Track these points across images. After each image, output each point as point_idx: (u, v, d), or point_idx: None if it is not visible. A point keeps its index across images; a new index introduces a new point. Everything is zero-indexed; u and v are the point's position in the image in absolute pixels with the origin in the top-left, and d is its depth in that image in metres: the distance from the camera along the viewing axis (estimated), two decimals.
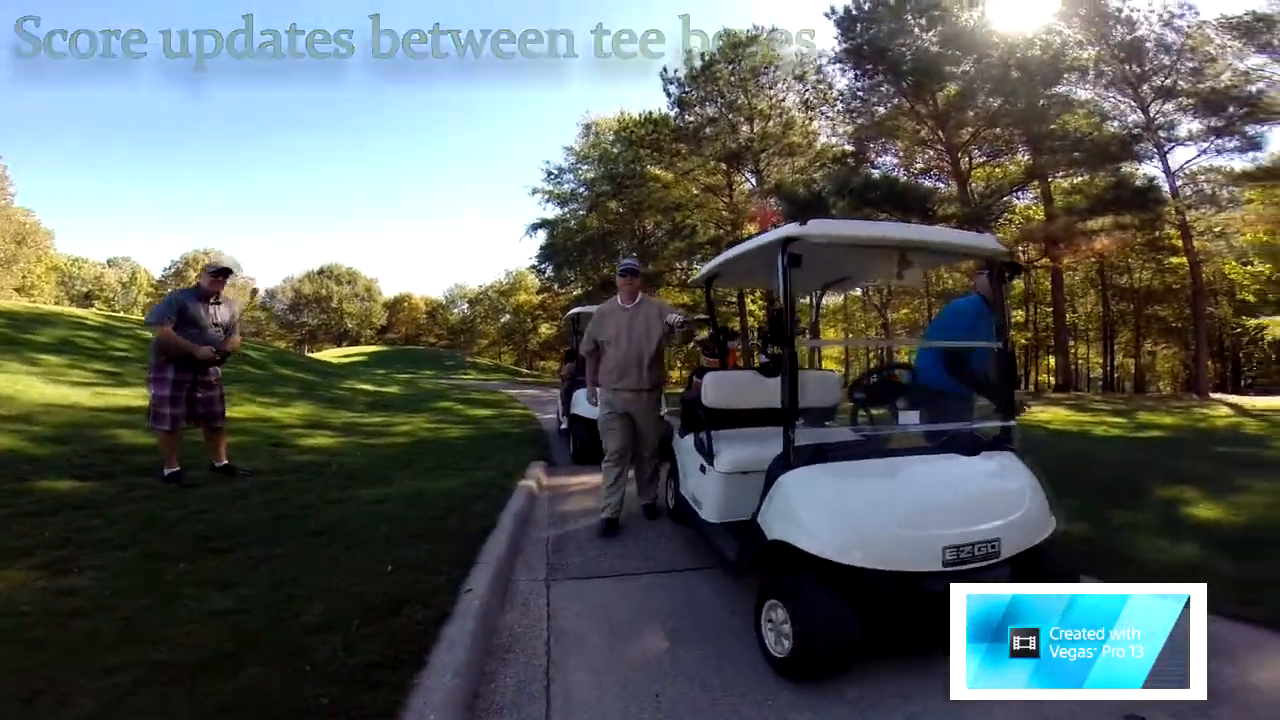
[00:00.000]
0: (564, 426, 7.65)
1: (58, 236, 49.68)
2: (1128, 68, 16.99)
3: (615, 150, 29.22)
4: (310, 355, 35.53)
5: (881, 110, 20.27)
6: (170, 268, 59.82)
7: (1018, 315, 27.13)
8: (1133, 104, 17.53)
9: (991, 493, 2.48)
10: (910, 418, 2.95)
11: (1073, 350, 28.80)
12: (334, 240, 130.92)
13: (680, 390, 6.85)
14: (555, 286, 35.45)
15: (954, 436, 2.78)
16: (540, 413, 11.68)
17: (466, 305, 64.45)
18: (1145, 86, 17.02)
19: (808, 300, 4.86)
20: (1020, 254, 19.76)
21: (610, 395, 4.02)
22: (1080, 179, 18.40)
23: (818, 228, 2.56)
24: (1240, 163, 17.35)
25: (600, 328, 4.11)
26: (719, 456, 3.22)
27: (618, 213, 29.63)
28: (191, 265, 55.18)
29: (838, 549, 2.19)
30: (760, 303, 26.33)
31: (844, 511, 2.29)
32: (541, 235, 32.70)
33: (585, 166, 32.31)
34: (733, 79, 24.70)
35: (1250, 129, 16.50)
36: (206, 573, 2.84)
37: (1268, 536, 3.66)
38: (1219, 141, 16.88)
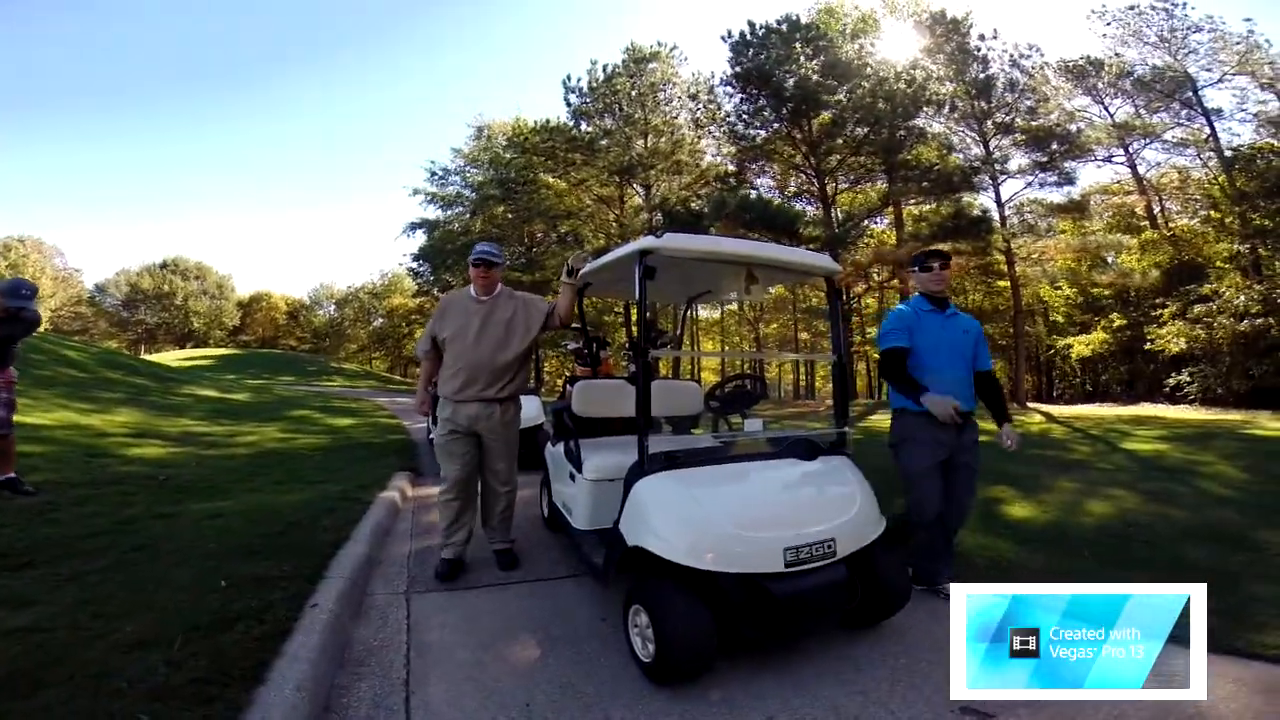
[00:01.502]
0: None
1: None
2: (977, 103, 19.01)
3: (508, 155, 28.69)
4: (145, 357, 31.77)
5: (763, 134, 21.30)
6: None
7: (872, 330, 29.52)
8: (976, 138, 19.66)
9: (826, 495, 2.65)
10: (754, 425, 3.13)
11: None
12: (181, 232, 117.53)
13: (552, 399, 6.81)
14: (434, 290, 34.07)
15: (795, 442, 2.97)
16: (410, 421, 11.09)
17: (333, 307, 60.23)
18: (989, 122, 19.12)
19: (683, 311, 5.02)
20: (874, 274, 21.56)
21: (452, 409, 3.27)
22: (927, 207, 20.37)
23: (670, 241, 2.67)
24: (1056, 196, 20.07)
25: (442, 322, 3.34)
26: (586, 464, 3.26)
27: (505, 218, 29.04)
28: (1, 254, 47.61)
29: (688, 553, 2.26)
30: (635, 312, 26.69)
31: (693, 516, 2.37)
32: (420, 236, 31.46)
33: (473, 169, 31.47)
34: (633, 93, 25.07)
35: (1067, 165, 19.06)
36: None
37: (1070, 531, 4.24)
38: (1041, 175, 19.30)
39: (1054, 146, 18.54)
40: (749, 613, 2.24)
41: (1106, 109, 21.93)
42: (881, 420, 12.56)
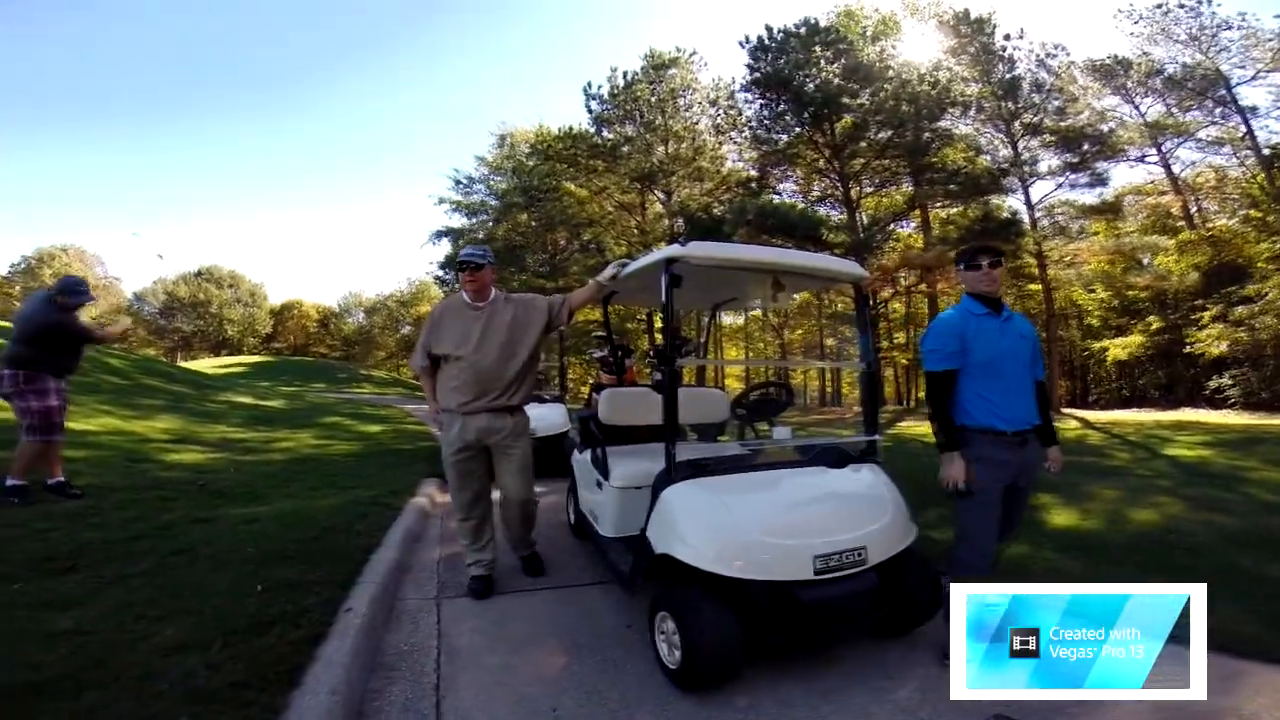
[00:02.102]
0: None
1: None
2: (1004, 104, 18.71)
3: (530, 163, 28.99)
4: (183, 365, 32.61)
5: (784, 138, 21.18)
6: (21, 263, 53.09)
7: (900, 336, 29.11)
8: (1004, 139, 19.32)
9: (857, 503, 2.63)
10: (783, 433, 3.11)
11: None
12: (214, 239, 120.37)
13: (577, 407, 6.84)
14: None
15: (824, 450, 2.94)
16: (437, 429, 11.20)
17: (363, 315, 61.30)
18: (1017, 123, 18.79)
19: (708, 319, 5.02)
20: (902, 279, 21.28)
21: (461, 423, 3.09)
22: (955, 210, 20.07)
23: (696, 249, 2.69)
24: (1088, 197, 19.62)
25: (438, 333, 3.14)
26: (613, 472, 3.27)
27: (529, 225, 29.31)
28: (45, 262, 49.35)
29: (716, 560, 2.26)
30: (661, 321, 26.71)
31: (721, 523, 2.36)
32: (446, 244, 31.87)
33: (497, 177, 31.83)
34: (653, 99, 25.18)
35: (1099, 166, 18.64)
36: (45, 593, 2.60)
37: (1111, 539, 4.13)
38: (1073, 177, 18.87)
39: (1085, 147, 18.13)
40: (777, 620, 2.23)
41: (1137, 108, 21.43)
42: (910, 428, 12.39)
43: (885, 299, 23.22)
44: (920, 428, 12.44)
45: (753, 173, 24.17)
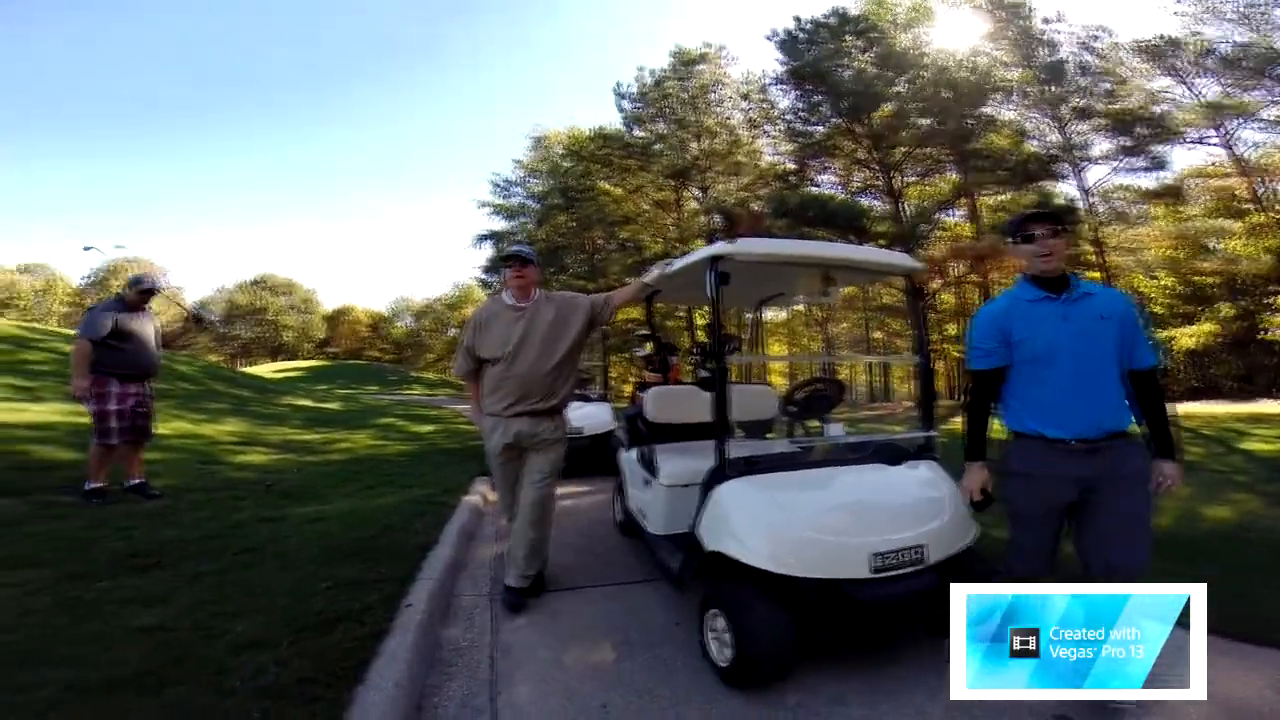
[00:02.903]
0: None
1: None
2: (1048, 88, 18.07)
3: (566, 164, 29.24)
4: (245, 370, 34.03)
5: (821, 130, 20.90)
6: (91, 275, 56.31)
7: (950, 328, 28.29)
8: (1052, 124, 18.64)
9: (915, 501, 2.58)
10: (836, 429, 3.06)
11: None
12: (268, 246, 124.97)
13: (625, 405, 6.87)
14: None
15: (879, 447, 2.89)
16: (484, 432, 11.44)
17: (411, 319, 62.93)
18: (1064, 107, 18.12)
19: (752, 315, 4.99)
20: (951, 270, 20.69)
21: (504, 426, 3.04)
22: (1006, 196, 19.42)
23: (743, 246, 2.67)
24: (1147, 181, 18.74)
25: (483, 337, 3.08)
26: (661, 470, 3.28)
27: (568, 226, 29.60)
28: (114, 274, 52.12)
29: (770, 558, 2.25)
30: (706, 318, 26.63)
31: (775, 521, 2.35)
32: (488, 247, 32.43)
33: (534, 179, 32.22)
34: (683, 96, 25.11)
35: (1156, 148, 17.79)
36: (129, 590, 2.74)
37: (1184, 536, 3.95)
38: (1129, 160, 18.11)
39: (1139, 130, 17.40)
40: (832, 618, 2.21)
41: (1191, 89, 20.29)
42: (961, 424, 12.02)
43: (935, 290, 22.63)
44: None
45: (790, 166, 23.89)
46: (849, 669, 2.38)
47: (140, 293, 4.65)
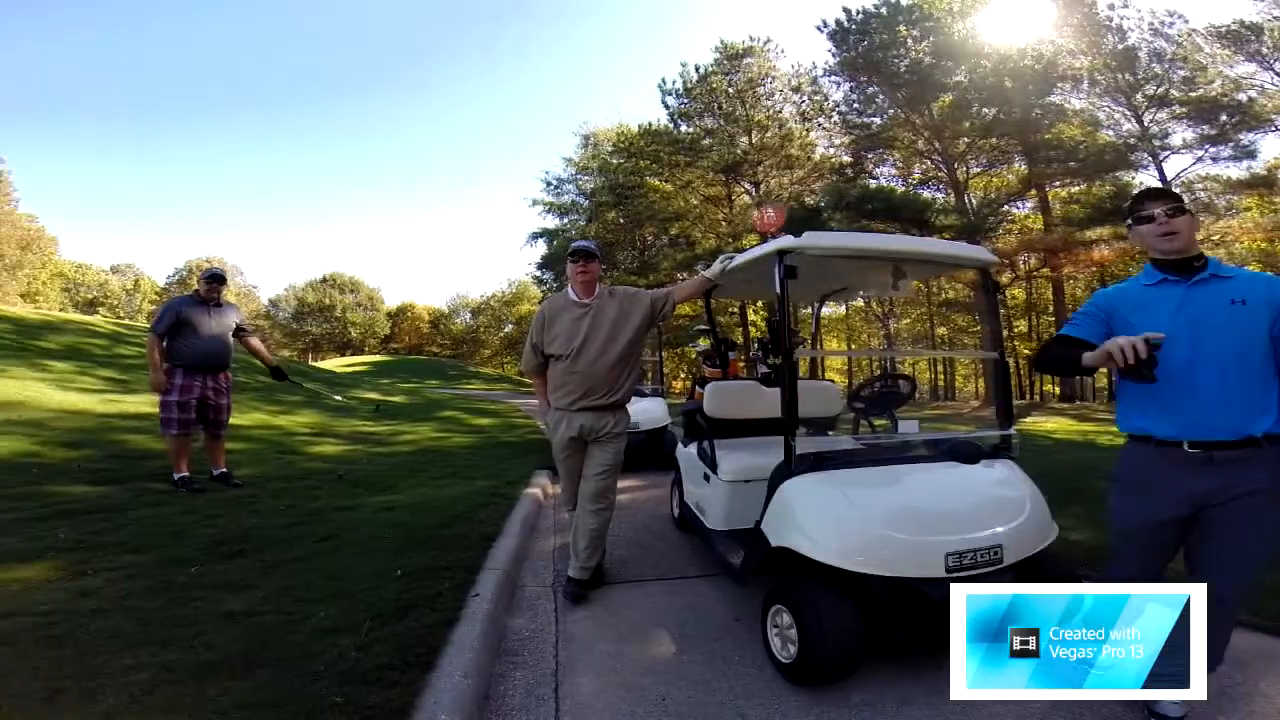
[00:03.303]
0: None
1: (61, 243, 49.57)
2: (1120, 76, 17.07)
3: (615, 161, 29.35)
4: (315, 364, 35.57)
5: (878, 121, 20.33)
6: (174, 275, 60.03)
7: (1020, 324, 27.16)
8: (1126, 113, 17.60)
9: (993, 500, 2.51)
10: (910, 426, 2.98)
11: None
12: (334, 244, 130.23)
13: (682, 401, 6.86)
14: None
15: (954, 445, 2.80)
16: (543, 422, 11.66)
17: (469, 315, 64.58)
18: (1139, 95, 17.10)
19: (809, 310, 4.92)
20: (1021, 264, 19.84)
21: (567, 420, 3.10)
22: (1078, 188, 18.48)
23: (812, 239, 2.61)
24: (1235, 171, 17.48)
25: (549, 333, 3.13)
26: (722, 465, 3.27)
27: (618, 223, 29.73)
28: (194, 272, 55.39)
29: (839, 554, 2.22)
30: (762, 313, 26.41)
31: (845, 517, 2.31)
32: (541, 245, 32.85)
33: (584, 177, 32.47)
34: (730, 90, 24.85)
35: (1243, 137, 16.60)
36: (218, 576, 2.89)
37: None
38: (1213, 150, 16.95)
39: (1223, 118, 16.19)
40: (903, 618, 2.17)
41: (1278, 74, 18.76)
42: (1037, 424, 11.59)
43: (1005, 285, 21.76)
44: (1048, 423, 11.60)
45: (846, 158, 23.32)
46: (916, 668, 2.32)
47: (207, 283, 4.74)
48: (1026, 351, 26.18)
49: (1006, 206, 20.71)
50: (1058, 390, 23.01)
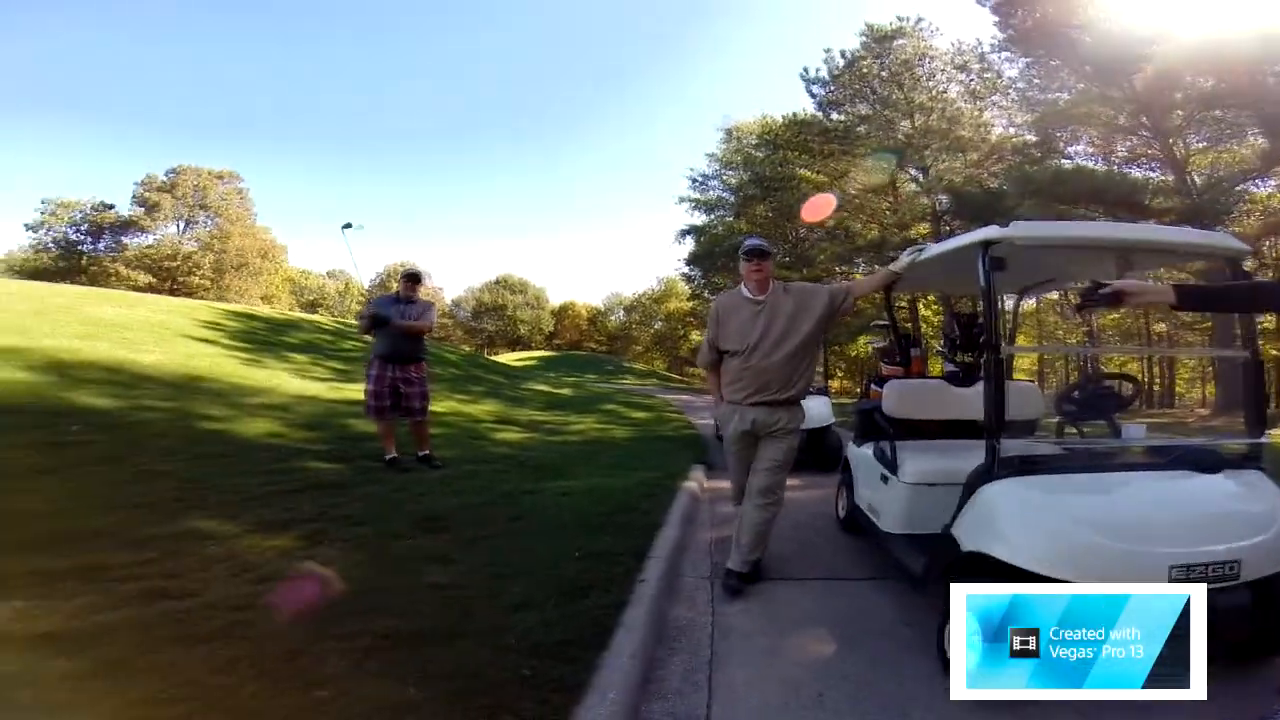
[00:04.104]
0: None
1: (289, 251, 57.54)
2: None
3: (760, 154, 28.71)
4: (491, 359, 38.83)
5: (1064, 97, 17.88)
6: (376, 279, 68.24)
7: (1266, 321, 22.82)
8: None
9: (1232, 512, 2.25)
10: (1136, 431, 2.71)
11: None
12: (504, 250, 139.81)
13: (850, 399, 6.64)
14: (705, 293, 35.31)
15: (1189, 453, 2.52)
16: (694, 418, 11.97)
17: (623, 312, 66.89)
18: None
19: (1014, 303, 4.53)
20: (1266, 250, 16.70)
21: (739, 414, 3.12)
22: None
23: (1023, 229, 2.44)
24: None
25: (724, 329, 3.15)
26: (903, 467, 3.14)
27: (766, 216, 29.09)
28: (393, 275, 62.57)
29: (1042, 561, 2.08)
30: (935, 307, 24.61)
31: (1053, 523, 2.17)
32: (689, 242, 33.01)
33: (729, 172, 32.13)
34: (882, 74, 23.32)
35: None
36: (425, 549, 3.19)
37: None
38: None
39: None
40: None
41: None
42: None
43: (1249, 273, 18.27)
44: None
45: (1030, 137, 20.86)
46: None
47: (404, 282, 5.35)
48: (1275, 352, 21.96)
49: (1243, 185, 17.39)
50: None
